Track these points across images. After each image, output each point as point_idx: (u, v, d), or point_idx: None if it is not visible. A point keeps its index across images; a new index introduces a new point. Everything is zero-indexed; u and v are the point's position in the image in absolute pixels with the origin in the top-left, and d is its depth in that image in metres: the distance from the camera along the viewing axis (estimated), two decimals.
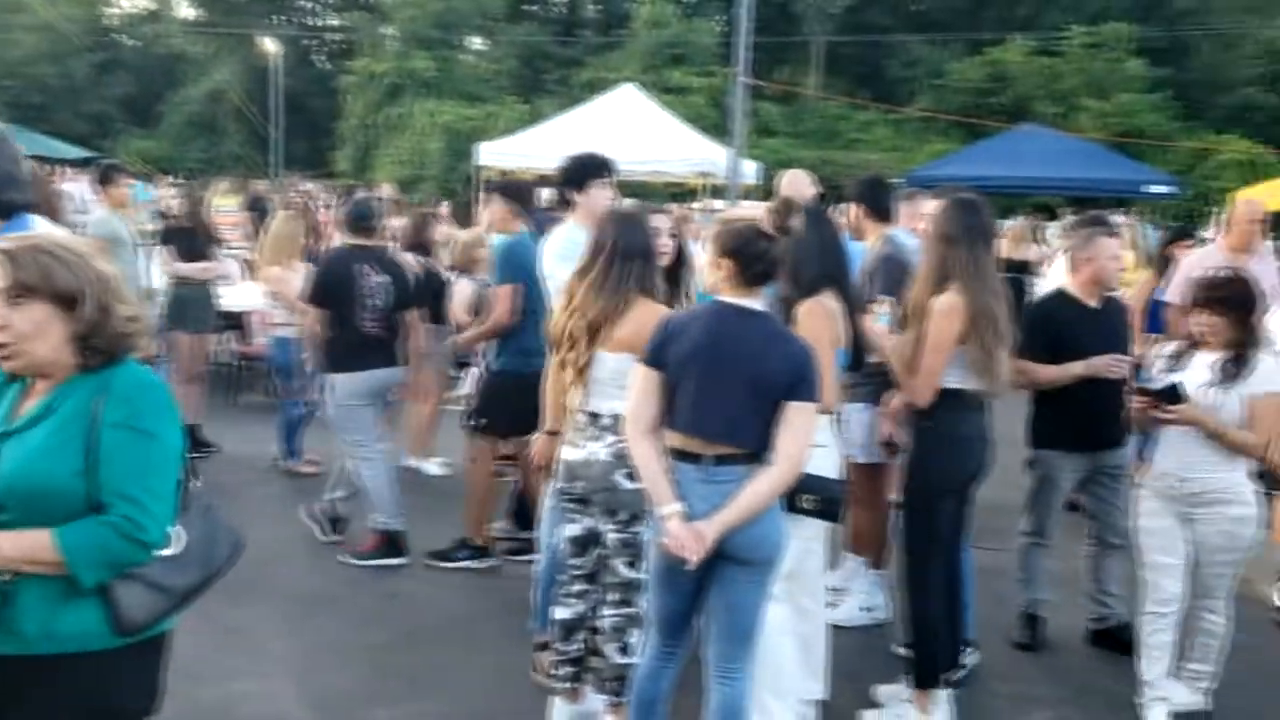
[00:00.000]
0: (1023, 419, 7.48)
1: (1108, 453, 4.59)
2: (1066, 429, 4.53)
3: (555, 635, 3.77)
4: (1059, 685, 4.44)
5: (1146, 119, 26.57)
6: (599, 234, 3.60)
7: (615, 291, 3.50)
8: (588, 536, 3.63)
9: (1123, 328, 4.70)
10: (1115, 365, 4.37)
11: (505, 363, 5.29)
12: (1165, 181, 16.34)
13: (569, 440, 3.65)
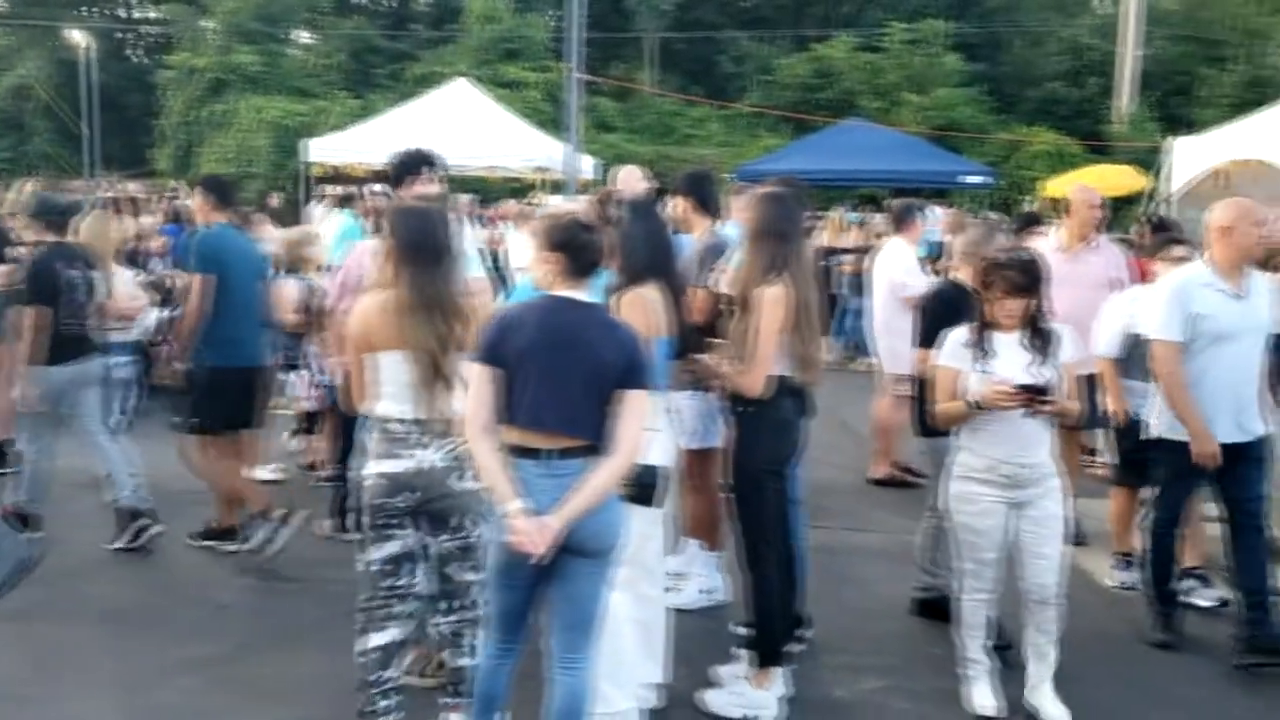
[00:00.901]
0: (864, 405, 7.78)
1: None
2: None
3: (371, 666, 3.56)
4: (888, 654, 4.64)
5: (963, 112, 27.80)
6: (387, 233, 3.58)
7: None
8: (408, 553, 3.53)
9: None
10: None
11: (210, 357, 5.44)
12: (980, 172, 17.18)
13: (383, 453, 3.47)
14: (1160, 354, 4.56)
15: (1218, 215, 4.58)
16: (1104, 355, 5.32)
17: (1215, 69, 28.63)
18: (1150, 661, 4.63)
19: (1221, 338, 4.48)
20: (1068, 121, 27.85)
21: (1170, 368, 4.51)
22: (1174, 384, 4.51)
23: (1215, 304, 4.48)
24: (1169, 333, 4.52)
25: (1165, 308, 4.54)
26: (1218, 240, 4.52)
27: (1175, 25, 31.44)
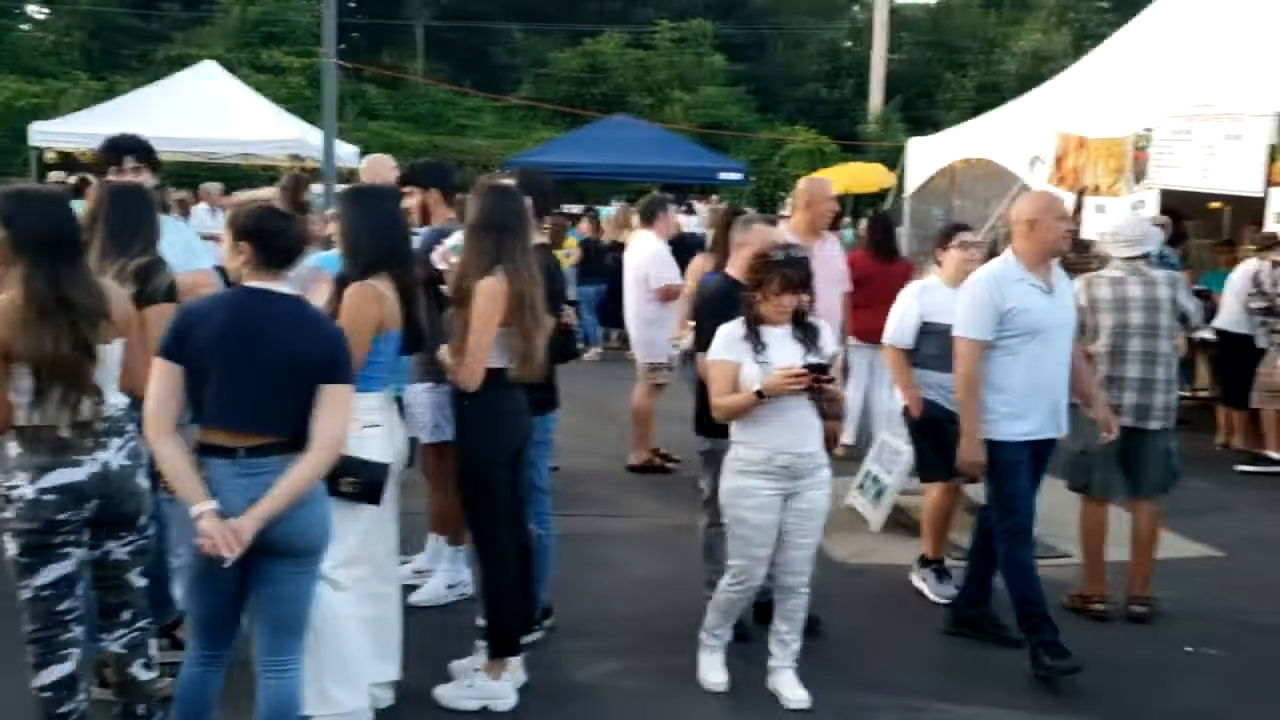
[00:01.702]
0: (619, 396, 7.83)
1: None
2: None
3: (56, 700, 3.19)
4: (629, 635, 4.73)
5: (729, 111, 28.74)
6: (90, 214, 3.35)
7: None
8: (77, 570, 3.21)
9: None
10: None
11: None
12: (737, 169, 17.82)
13: (46, 465, 3.11)
14: (963, 351, 4.43)
15: (1022, 209, 4.49)
16: (893, 345, 5.28)
17: (956, 74, 30.69)
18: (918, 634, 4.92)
19: (1035, 333, 4.38)
20: (826, 121, 29.22)
21: (969, 367, 4.40)
22: (969, 383, 4.40)
23: (1028, 299, 4.38)
24: (976, 330, 4.40)
25: (976, 303, 4.41)
26: (1023, 235, 4.42)
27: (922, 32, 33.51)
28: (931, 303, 5.18)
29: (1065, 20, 31.32)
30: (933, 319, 5.12)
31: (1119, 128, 9.25)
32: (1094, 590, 5.07)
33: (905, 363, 5.26)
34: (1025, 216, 4.44)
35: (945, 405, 4.98)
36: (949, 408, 4.89)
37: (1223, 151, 8.07)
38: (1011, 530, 4.47)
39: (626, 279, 7.59)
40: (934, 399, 5.14)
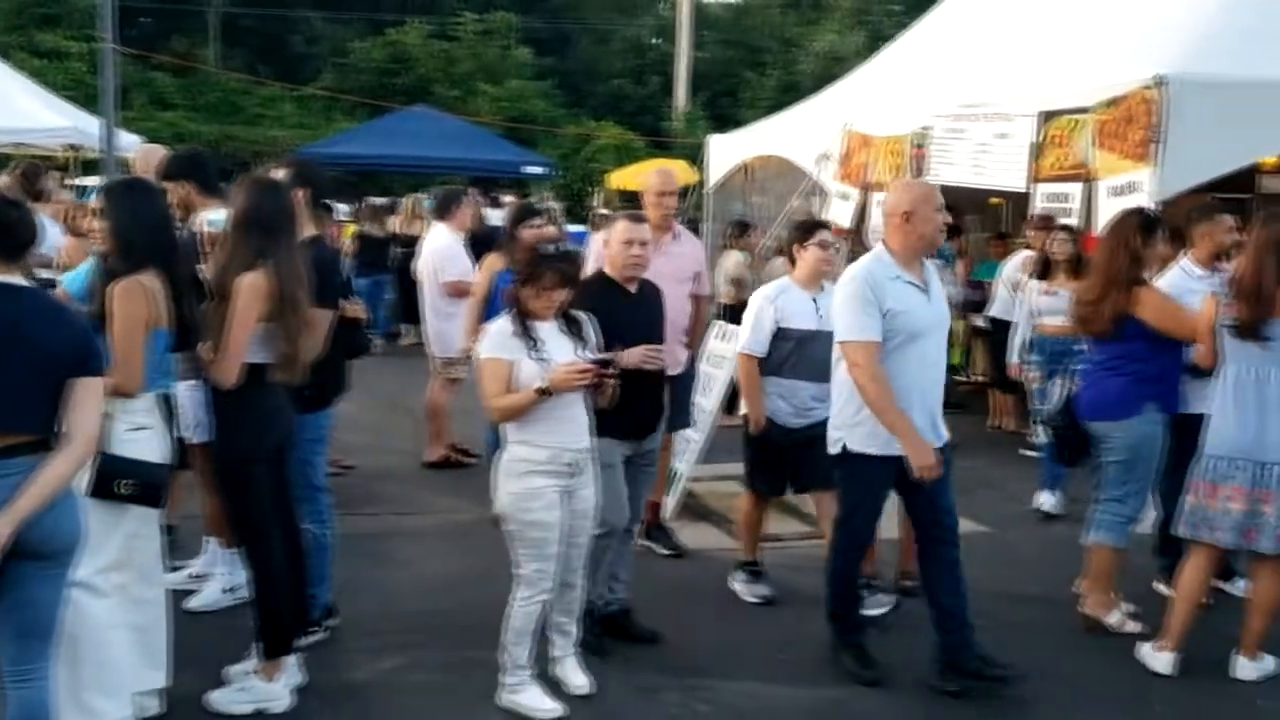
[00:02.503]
0: (417, 392, 7.65)
1: (649, 438, 4.56)
2: (614, 416, 4.19)
3: None
4: (417, 632, 4.66)
5: (536, 105, 28.71)
6: None
7: None
8: None
9: (658, 312, 4.59)
10: (652, 357, 4.30)
11: None
12: (541, 163, 17.82)
13: None
14: (859, 358, 4.01)
15: (896, 199, 4.15)
16: (748, 353, 4.95)
17: (757, 73, 31.56)
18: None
19: (915, 335, 4.07)
20: (632, 117, 29.58)
21: (874, 371, 3.99)
22: (881, 391, 3.98)
23: (906, 298, 4.06)
24: (867, 331, 4.01)
25: (857, 304, 4.04)
26: (898, 228, 4.09)
27: (724, 31, 34.29)
28: (786, 306, 4.92)
29: (860, 21, 32.64)
30: (789, 324, 4.89)
31: (900, 126, 9.69)
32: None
33: (757, 373, 4.95)
34: (901, 208, 4.08)
35: (790, 420, 4.90)
36: (794, 422, 4.87)
37: (993, 149, 8.57)
38: (851, 543, 4.35)
39: (420, 273, 7.47)
40: (779, 410, 4.92)
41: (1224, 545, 4.33)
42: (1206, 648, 4.46)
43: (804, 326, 4.87)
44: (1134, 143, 7.09)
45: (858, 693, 4.25)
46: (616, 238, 4.43)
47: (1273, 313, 4.17)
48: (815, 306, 4.91)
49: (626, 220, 4.48)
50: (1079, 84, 7.69)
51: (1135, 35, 8.08)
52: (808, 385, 4.86)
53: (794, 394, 4.91)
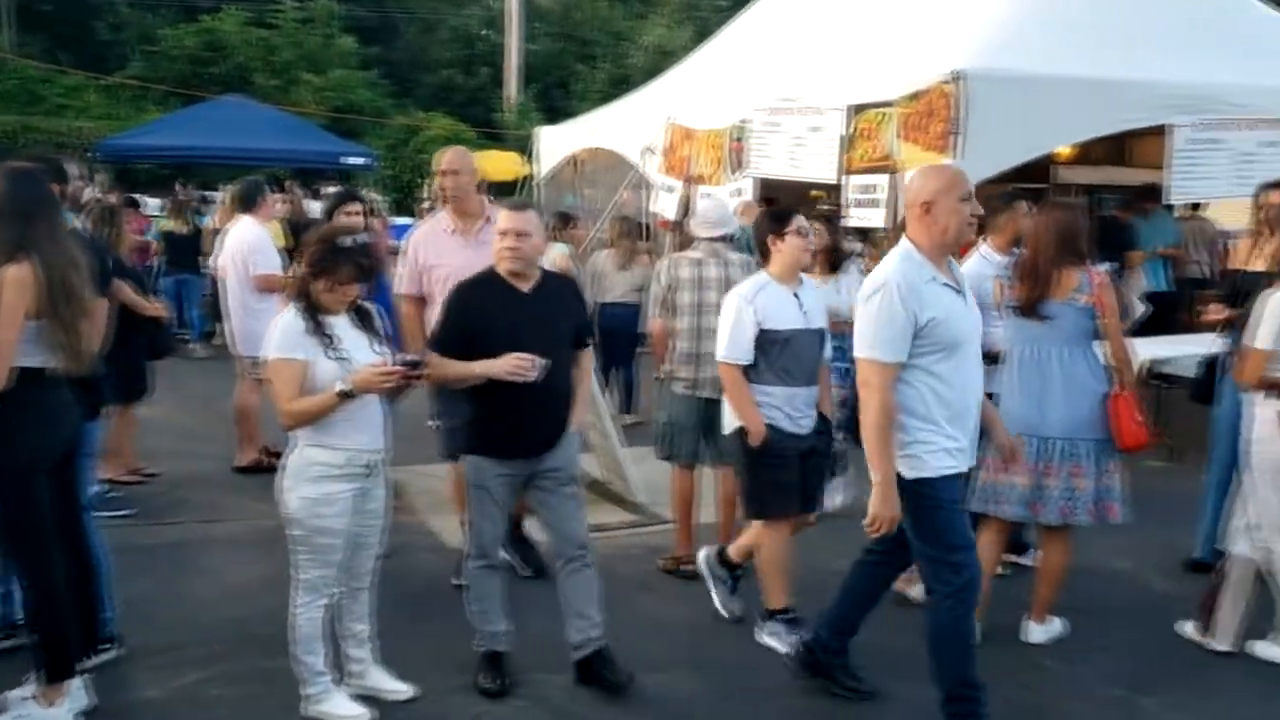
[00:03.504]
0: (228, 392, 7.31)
1: (545, 456, 4.08)
2: (491, 431, 4.04)
3: None
4: (218, 643, 4.47)
5: (362, 95, 27.99)
6: None
7: None
8: None
9: (557, 312, 4.14)
10: (520, 368, 3.86)
11: None
12: (363, 154, 17.40)
13: None
14: (875, 378, 3.53)
15: (917, 187, 3.63)
16: (732, 362, 4.47)
17: (588, 66, 31.60)
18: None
19: (956, 345, 3.60)
20: (463, 108, 29.19)
21: (883, 398, 3.51)
22: (886, 421, 3.53)
23: (945, 303, 3.57)
24: (890, 350, 3.52)
25: (885, 317, 3.50)
26: (918, 219, 3.59)
27: (554, 23, 34.18)
28: (767, 306, 4.45)
29: (689, 16, 33.03)
30: (770, 325, 4.43)
31: (720, 120, 9.87)
32: (684, 552, 5.37)
33: (744, 382, 4.46)
34: (920, 198, 3.58)
35: (787, 427, 4.46)
36: (792, 429, 4.45)
37: (807, 142, 8.81)
38: (962, 593, 3.63)
39: (223, 268, 7.16)
40: (774, 420, 4.45)
41: (1011, 518, 4.55)
42: (1003, 615, 4.67)
43: (789, 326, 4.44)
44: (935, 135, 7.40)
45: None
46: (495, 228, 4.15)
47: (1050, 293, 4.39)
48: (798, 302, 4.50)
49: (505, 208, 4.18)
50: (884, 79, 7.97)
51: (936, 32, 8.43)
52: (801, 390, 4.49)
53: (789, 401, 4.47)
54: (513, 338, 3.90)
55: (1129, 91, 7.69)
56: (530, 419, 3.99)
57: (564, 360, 4.06)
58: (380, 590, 4.10)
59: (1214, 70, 7.99)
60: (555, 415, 4.07)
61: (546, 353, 3.89)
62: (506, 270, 4.06)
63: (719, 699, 4.16)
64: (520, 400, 3.91)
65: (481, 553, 4.14)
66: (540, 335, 3.94)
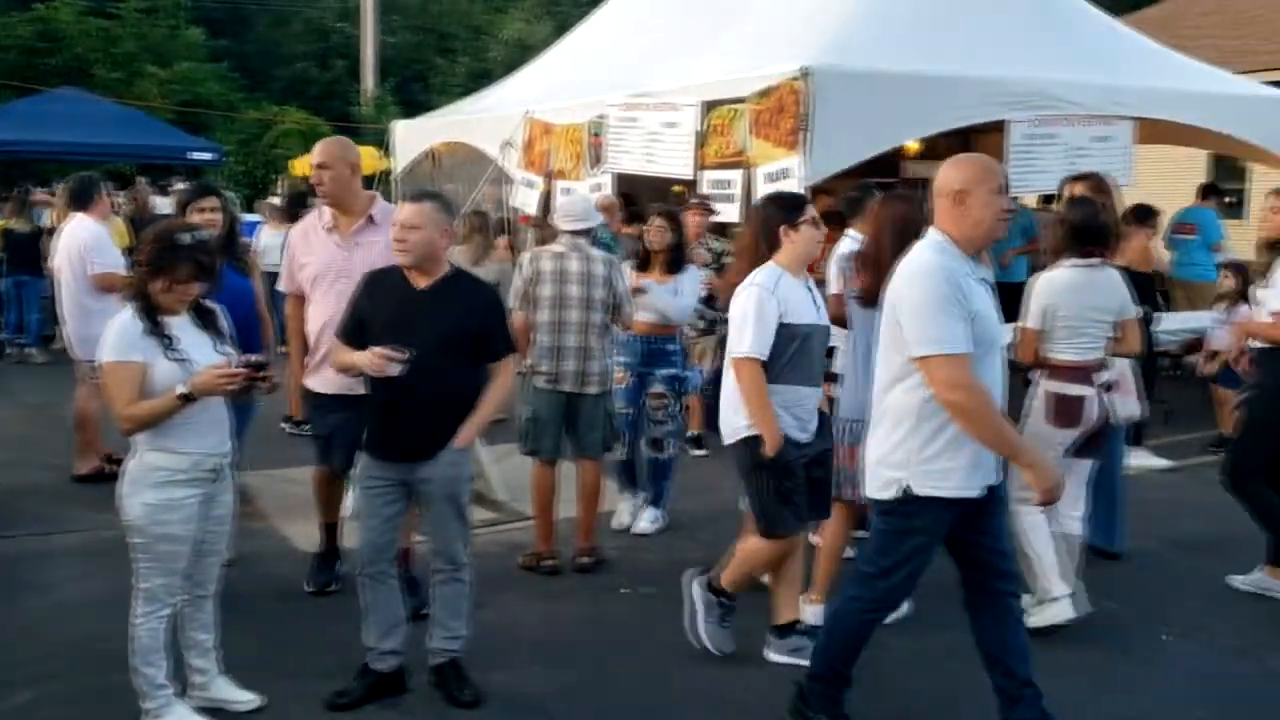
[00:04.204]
0: (69, 398, 6.95)
1: (423, 465, 3.87)
2: (370, 428, 3.91)
3: None
4: (55, 659, 4.29)
5: (211, 88, 27.07)
6: None
7: None
8: None
9: (459, 309, 3.92)
10: (378, 362, 3.69)
11: None
12: (210, 149, 16.85)
13: None
14: (954, 375, 3.25)
15: (944, 176, 3.45)
16: (754, 357, 4.10)
17: (447, 59, 31.24)
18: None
19: (991, 346, 3.42)
20: (318, 101, 28.54)
21: (976, 388, 3.27)
22: (992, 412, 3.30)
23: (984, 300, 3.40)
24: (957, 341, 3.26)
25: (939, 306, 3.27)
26: (947, 210, 3.41)
27: (412, 16, 33.68)
28: (788, 297, 4.15)
29: (549, 11, 32.98)
30: (793, 318, 4.14)
31: (578, 115, 9.86)
32: (544, 547, 5.37)
33: (764, 382, 4.11)
34: (951, 186, 3.41)
35: (796, 433, 4.18)
36: (799, 436, 4.19)
37: (663, 137, 8.87)
38: (884, 601, 3.66)
39: (59, 268, 6.83)
40: (785, 425, 4.16)
41: (862, 501, 4.68)
42: None
43: (807, 320, 4.18)
44: (785, 131, 7.54)
45: None
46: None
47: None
48: (811, 296, 4.28)
49: (404, 200, 4.04)
50: (736, 75, 8.09)
51: (785, 29, 8.60)
52: (811, 392, 4.26)
53: (799, 402, 4.20)
54: (395, 333, 3.79)
55: (969, 89, 7.98)
56: (405, 422, 3.83)
57: (454, 366, 3.84)
58: (226, 598, 3.98)
59: (1048, 69, 8.36)
60: (434, 423, 3.85)
61: (428, 354, 3.73)
62: (401, 263, 3.93)
63: (574, 695, 4.16)
64: (398, 401, 3.80)
65: (362, 560, 4.01)
66: (424, 335, 3.77)
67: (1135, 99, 8.52)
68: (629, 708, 4.10)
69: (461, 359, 3.88)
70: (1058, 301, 4.60)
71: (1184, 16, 19.81)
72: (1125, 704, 4.13)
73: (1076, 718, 3.91)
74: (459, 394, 3.89)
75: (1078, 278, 4.64)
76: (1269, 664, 4.55)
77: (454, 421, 3.88)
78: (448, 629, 4.03)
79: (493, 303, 4.11)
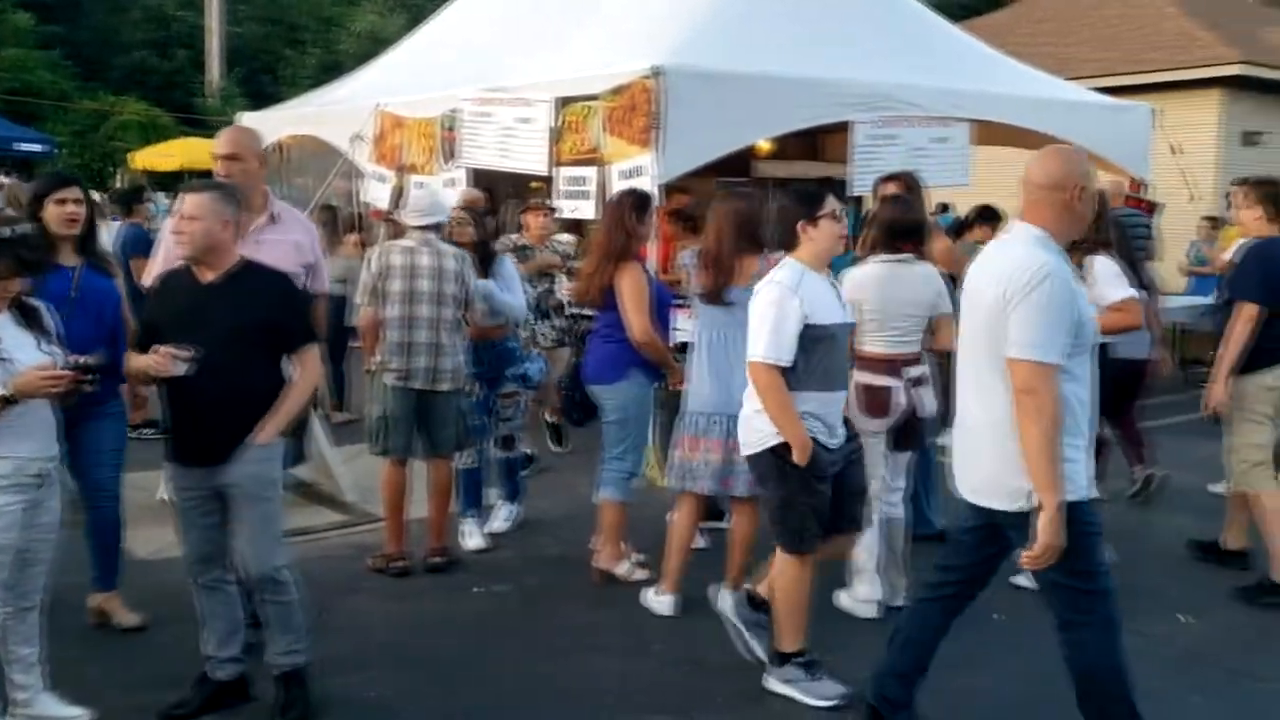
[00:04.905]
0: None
1: (222, 470, 3.67)
2: (170, 434, 3.73)
3: None
4: None
5: (42, 77, 25.74)
6: None
7: None
8: None
9: (248, 306, 3.68)
10: (159, 362, 3.53)
11: None
12: (39, 140, 16.07)
13: None
14: (1044, 384, 3.11)
15: (1047, 167, 3.30)
16: (774, 362, 3.85)
17: (296, 51, 30.43)
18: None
19: (1092, 347, 3.31)
20: (159, 92, 27.46)
21: (1055, 400, 3.13)
22: (1056, 426, 3.14)
23: (1084, 299, 3.29)
24: (1058, 350, 3.13)
25: (1053, 314, 3.12)
26: (1066, 206, 3.25)
27: (260, 6, 32.65)
28: (813, 297, 3.91)
29: (400, 3, 32.38)
30: (818, 319, 3.89)
31: (430, 109, 9.73)
32: (395, 549, 5.29)
33: (784, 386, 3.87)
34: (1073, 180, 3.25)
35: (825, 440, 3.96)
36: (828, 442, 3.98)
37: (517, 133, 8.83)
38: (1109, 618, 3.30)
39: None
40: (814, 430, 3.92)
41: (706, 493, 4.77)
42: (701, 586, 4.88)
43: (834, 319, 3.97)
44: (638, 129, 7.60)
45: None
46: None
47: (733, 280, 4.63)
48: (836, 292, 4.10)
49: (185, 190, 3.80)
50: (589, 72, 8.11)
51: (637, 28, 8.67)
52: (838, 396, 4.05)
53: (826, 409, 3.97)
54: (182, 331, 3.61)
55: (816, 90, 8.18)
56: (200, 424, 3.65)
57: (247, 361, 3.65)
58: (54, 608, 3.78)
59: (890, 71, 8.63)
60: (230, 422, 3.64)
61: (216, 350, 3.55)
62: (180, 255, 3.79)
63: (423, 697, 4.10)
64: (191, 402, 3.63)
65: (191, 572, 3.85)
66: (211, 331, 3.59)
67: (972, 102, 8.88)
68: (479, 708, 4.06)
69: (255, 353, 3.69)
70: (865, 295, 4.66)
71: (1019, 24, 20.78)
72: (970, 680, 4.25)
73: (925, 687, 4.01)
74: (253, 390, 3.68)
75: (885, 272, 4.72)
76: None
77: (251, 419, 3.66)
78: (282, 644, 3.83)
79: (286, 292, 3.89)
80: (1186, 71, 16.85)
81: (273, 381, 3.76)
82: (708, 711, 3.98)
